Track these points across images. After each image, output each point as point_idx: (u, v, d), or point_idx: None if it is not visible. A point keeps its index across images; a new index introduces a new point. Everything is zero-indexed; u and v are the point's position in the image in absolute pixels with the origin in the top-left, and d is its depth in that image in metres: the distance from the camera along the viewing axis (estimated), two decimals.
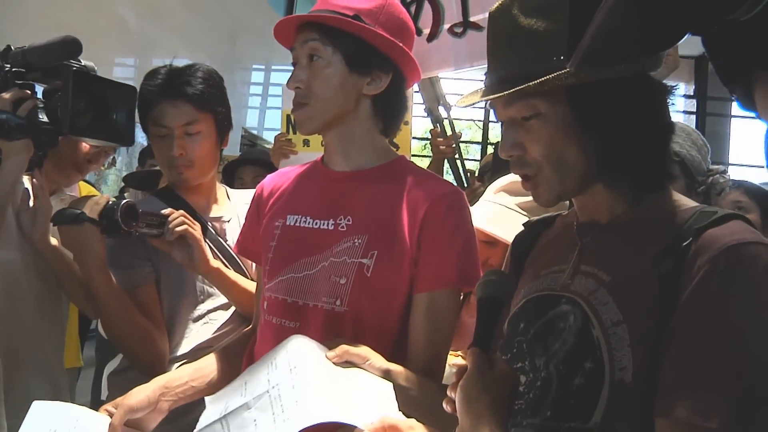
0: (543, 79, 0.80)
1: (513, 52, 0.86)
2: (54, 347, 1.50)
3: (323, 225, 1.15)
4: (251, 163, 2.86)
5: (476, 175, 3.22)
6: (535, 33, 0.83)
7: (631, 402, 0.76)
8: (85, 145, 1.59)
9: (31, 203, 1.40)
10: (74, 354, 2.56)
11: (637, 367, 0.76)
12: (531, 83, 0.80)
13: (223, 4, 5.96)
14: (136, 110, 1.44)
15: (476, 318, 0.85)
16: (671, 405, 0.72)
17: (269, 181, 1.31)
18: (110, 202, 1.27)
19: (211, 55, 6.79)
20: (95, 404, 1.13)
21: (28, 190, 1.43)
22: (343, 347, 0.98)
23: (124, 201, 1.27)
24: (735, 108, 7.59)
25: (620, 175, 0.86)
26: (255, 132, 6.36)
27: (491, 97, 0.86)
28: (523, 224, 1.07)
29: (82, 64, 1.32)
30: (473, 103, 0.93)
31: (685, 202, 0.86)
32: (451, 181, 2.93)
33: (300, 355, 0.95)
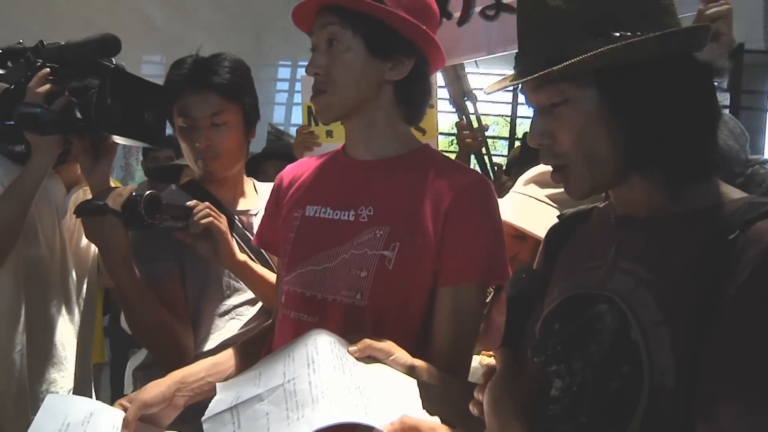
0: (568, 62, 0.74)
1: (540, 34, 0.81)
2: (82, 343, 1.49)
3: (344, 216, 1.10)
4: (275, 157, 2.83)
5: (503, 168, 3.15)
6: (563, 13, 0.78)
7: (672, 409, 0.70)
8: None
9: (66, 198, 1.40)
10: (99, 349, 2.56)
11: (680, 372, 0.70)
12: (555, 68, 0.75)
13: (248, 0, 5.96)
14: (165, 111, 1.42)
15: (506, 317, 0.81)
16: (713, 411, 0.66)
17: (289, 171, 1.28)
18: (134, 194, 1.24)
19: (237, 52, 6.78)
20: (117, 399, 1.10)
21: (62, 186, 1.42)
22: (366, 341, 0.94)
23: (148, 192, 1.24)
24: None
25: (657, 165, 0.79)
26: (282, 127, 6.36)
27: (516, 82, 0.82)
28: (557, 217, 1.02)
29: (115, 63, 1.30)
30: (501, 88, 0.88)
31: (733, 193, 0.80)
32: None
33: (319, 349, 0.91)
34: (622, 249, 0.83)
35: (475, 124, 2.40)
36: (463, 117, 2.34)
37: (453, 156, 2.73)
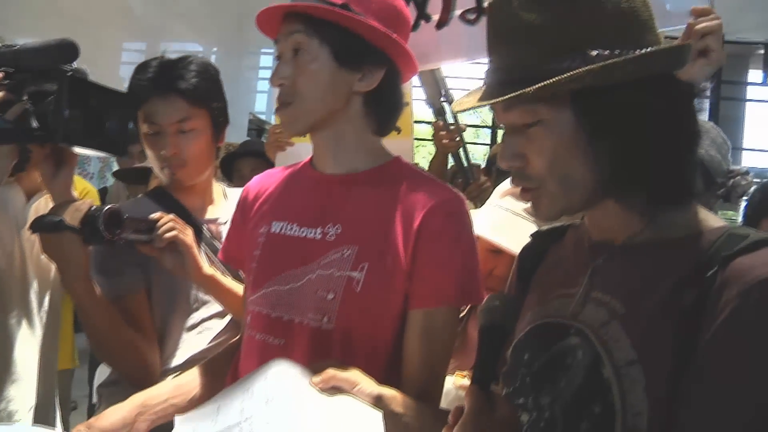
0: (542, 84, 0.70)
1: (512, 49, 0.76)
2: (45, 357, 1.43)
3: (310, 233, 1.06)
4: (249, 155, 2.78)
5: (482, 168, 3.10)
6: (537, 28, 0.73)
7: None
8: None
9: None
10: (68, 355, 2.49)
11: (653, 414, 0.67)
12: (528, 89, 0.70)
13: None
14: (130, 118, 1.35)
15: (477, 349, 0.77)
16: None
17: (255, 183, 1.22)
18: (93, 208, 1.18)
19: (219, 40, 6.73)
20: (90, 406, 1.05)
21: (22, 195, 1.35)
22: (330, 372, 0.90)
23: (108, 207, 1.18)
24: (750, 92, 7.46)
25: (634, 191, 0.76)
26: (263, 116, 6.30)
27: (485, 103, 0.77)
28: (531, 235, 0.98)
29: (75, 67, 1.23)
30: (470, 108, 0.83)
31: (712, 220, 0.76)
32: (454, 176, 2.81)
33: (279, 385, 0.87)
34: (596, 278, 0.79)
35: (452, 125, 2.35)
36: (439, 118, 2.28)
37: (431, 145, 2.68)
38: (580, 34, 0.72)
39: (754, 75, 7.28)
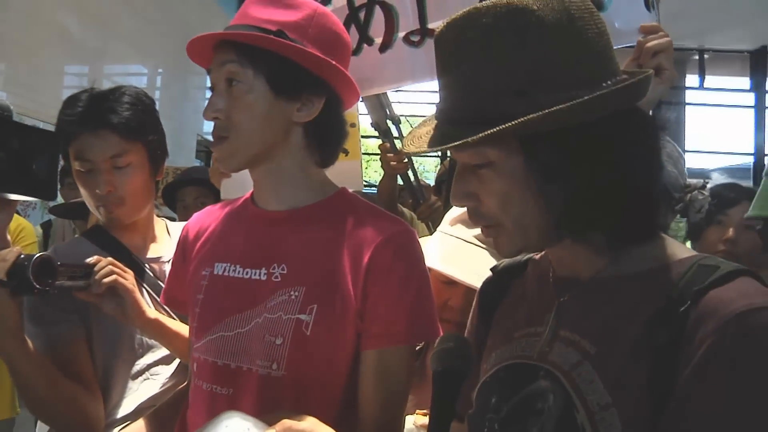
0: (487, 133, 0.65)
1: (459, 87, 0.72)
2: None
3: (255, 275, 1.00)
4: (192, 183, 2.68)
5: (432, 187, 3.07)
6: (483, 65, 0.69)
7: None
8: None
9: None
10: (7, 404, 2.35)
11: None
12: (471, 139, 0.66)
13: (172, 8, 5.75)
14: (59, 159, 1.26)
15: (432, 396, 0.72)
16: None
17: (195, 222, 1.17)
18: (21, 257, 1.09)
19: (164, 61, 6.59)
20: None
21: None
22: (286, 423, 0.84)
23: (38, 255, 1.09)
24: (689, 96, 7.75)
25: (591, 231, 0.73)
26: (211, 138, 6.19)
27: (432, 150, 0.73)
28: (491, 269, 0.94)
29: None
30: (419, 153, 0.80)
31: (679, 251, 0.73)
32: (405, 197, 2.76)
33: None
34: (563, 315, 0.76)
35: (400, 146, 2.32)
36: (386, 140, 2.24)
37: (379, 175, 2.64)
38: (528, 75, 0.67)
39: (692, 80, 7.57)
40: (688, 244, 1.70)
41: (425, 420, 1.11)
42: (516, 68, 0.68)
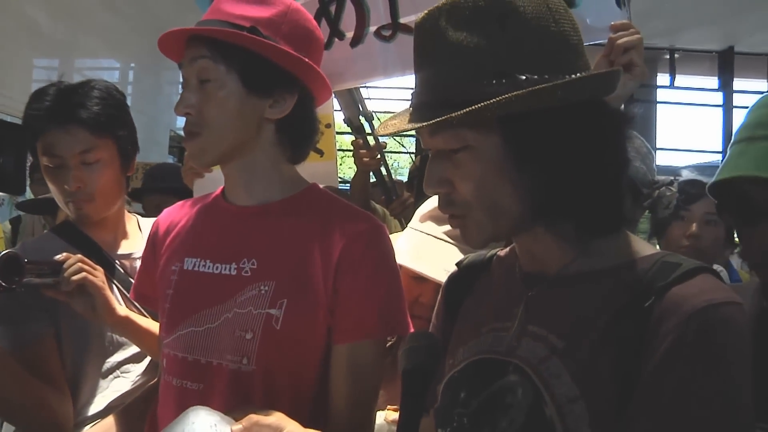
0: (468, 109, 0.67)
1: (439, 71, 0.73)
2: None
3: (225, 269, 1.00)
4: (155, 192, 2.53)
5: (405, 182, 3.07)
6: (464, 49, 0.70)
7: None
8: None
9: None
10: None
11: None
12: (453, 114, 0.68)
13: (144, 2, 5.66)
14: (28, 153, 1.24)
15: (401, 394, 0.73)
16: None
17: (165, 217, 1.16)
18: None
19: (136, 56, 6.50)
20: None
21: None
22: (252, 418, 0.84)
23: (4, 253, 1.08)
24: (660, 94, 7.89)
25: (564, 218, 0.74)
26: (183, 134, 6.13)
27: (411, 127, 0.73)
28: (456, 264, 0.95)
29: None
30: (395, 133, 0.80)
31: (643, 248, 0.76)
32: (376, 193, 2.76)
33: None
34: (531, 310, 0.77)
35: (372, 142, 2.32)
36: (359, 136, 2.24)
37: (352, 171, 2.64)
38: (509, 58, 0.69)
39: (662, 78, 7.71)
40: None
41: (396, 416, 1.12)
42: (497, 49, 0.69)
